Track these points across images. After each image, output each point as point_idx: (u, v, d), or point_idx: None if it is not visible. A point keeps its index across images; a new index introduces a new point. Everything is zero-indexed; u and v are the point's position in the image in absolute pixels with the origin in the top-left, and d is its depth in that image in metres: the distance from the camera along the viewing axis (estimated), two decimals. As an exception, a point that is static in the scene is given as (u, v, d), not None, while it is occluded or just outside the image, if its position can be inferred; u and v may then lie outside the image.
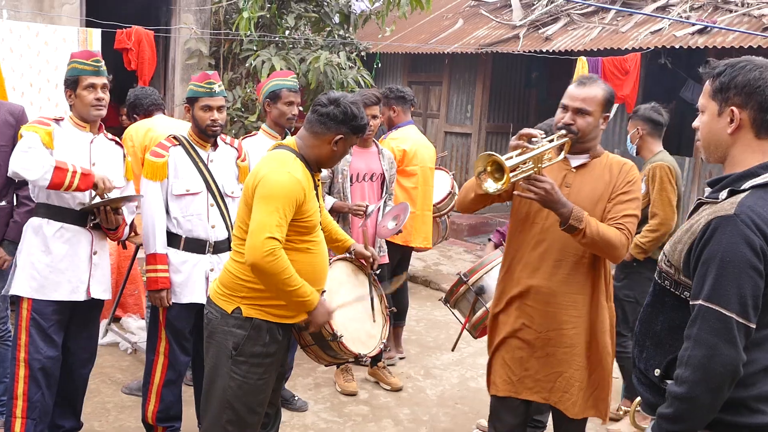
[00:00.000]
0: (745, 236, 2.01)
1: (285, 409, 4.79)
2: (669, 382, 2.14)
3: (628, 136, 5.01)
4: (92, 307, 3.87)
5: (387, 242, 5.56)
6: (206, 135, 3.95)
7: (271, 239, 2.94)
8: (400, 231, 4.93)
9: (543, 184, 3.02)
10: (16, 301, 3.72)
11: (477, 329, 4.06)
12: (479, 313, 4.01)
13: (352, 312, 3.49)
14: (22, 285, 3.66)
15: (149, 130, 5.11)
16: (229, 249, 3.91)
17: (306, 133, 3.20)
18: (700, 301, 2.06)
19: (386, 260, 5.27)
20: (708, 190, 2.29)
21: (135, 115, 5.51)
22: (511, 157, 2.96)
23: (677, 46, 8.07)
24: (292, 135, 3.85)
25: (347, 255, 3.67)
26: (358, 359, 3.42)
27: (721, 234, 2.04)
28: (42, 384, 3.70)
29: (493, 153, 2.94)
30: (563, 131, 3.20)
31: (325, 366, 3.65)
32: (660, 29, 8.69)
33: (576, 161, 3.30)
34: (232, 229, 3.97)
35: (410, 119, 5.87)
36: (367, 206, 4.74)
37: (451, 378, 5.66)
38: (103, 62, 3.75)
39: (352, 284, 3.63)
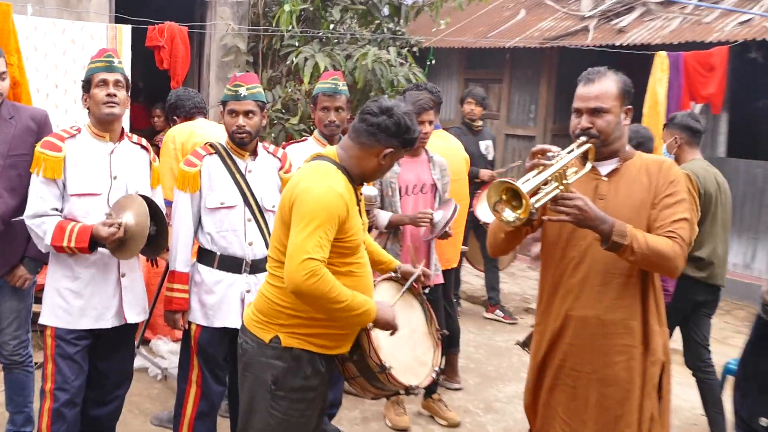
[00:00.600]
0: None
1: (329, 445, 4.74)
2: None
3: (665, 146, 5.08)
4: (123, 331, 3.90)
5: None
6: (234, 142, 3.96)
7: (309, 260, 2.89)
8: (447, 233, 4.83)
9: (574, 201, 2.91)
10: (42, 329, 3.81)
11: None
12: None
13: (400, 337, 3.41)
14: (47, 314, 3.76)
15: (192, 133, 5.16)
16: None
17: (351, 143, 3.14)
18: None
19: (441, 280, 5.19)
20: None
21: (175, 117, 5.56)
22: (528, 180, 2.87)
23: (770, 39, 7.88)
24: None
25: (392, 274, 3.62)
26: (408, 391, 3.34)
27: None
28: (67, 416, 3.76)
29: (506, 179, 2.86)
30: (583, 138, 3.08)
31: (371, 399, 3.58)
32: (749, 19, 8.49)
33: (606, 168, 3.17)
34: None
35: (436, 123, 5.73)
36: (432, 215, 4.68)
37: (515, 413, 5.54)
38: (117, 58, 3.78)
39: (400, 306, 3.55)
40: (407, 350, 3.45)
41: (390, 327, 3.16)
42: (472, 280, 8.03)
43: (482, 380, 6.15)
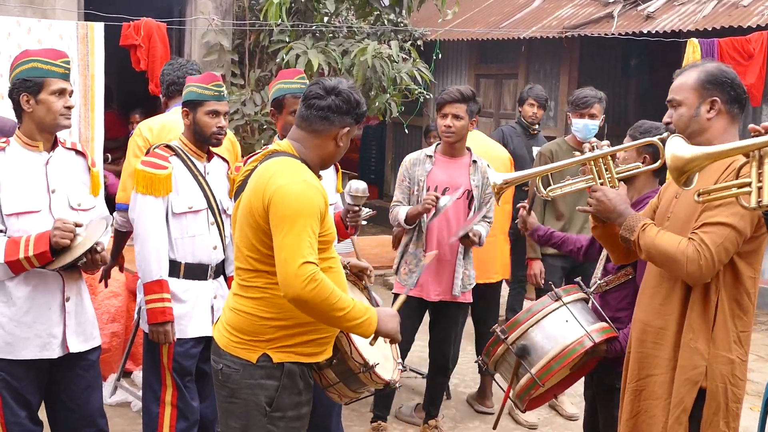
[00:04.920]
0: None
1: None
2: None
3: None
4: (77, 361, 3.88)
5: None
6: (210, 144, 4.18)
7: (306, 264, 2.98)
8: (471, 240, 4.93)
9: (595, 194, 3.34)
10: None
11: (523, 400, 3.87)
12: (523, 381, 3.81)
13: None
14: None
15: (163, 127, 4.98)
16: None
17: (304, 134, 3.25)
18: None
19: (468, 299, 5.25)
20: None
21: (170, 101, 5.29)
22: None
23: (815, 22, 7.98)
24: None
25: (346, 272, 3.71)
26: (387, 386, 3.45)
27: None
28: None
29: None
30: (666, 133, 3.32)
31: (345, 404, 3.64)
32: (792, 1, 8.59)
33: None
34: (225, 249, 4.22)
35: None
36: (437, 198, 4.80)
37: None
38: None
39: None
40: (373, 348, 3.54)
41: (394, 337, 3.28)
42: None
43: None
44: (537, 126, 7.03)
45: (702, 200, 2.87)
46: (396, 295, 4.36)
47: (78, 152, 3.96)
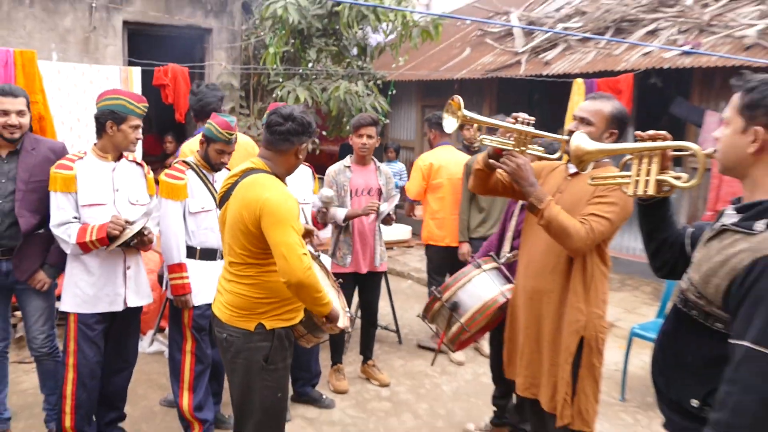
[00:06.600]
0: None
1: (314, 407, 4.85)
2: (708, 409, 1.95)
3: None
4: (130, 314, 3.99)
5: (433, 246, 5.96)
6: (213, 168, 4.15)
7: (305, 255, 2.95)
8: (390, 219, 5.07)
9: (516, 159, 3.08)
10: (64, 316, 3.86)
11: (454, 343, 3.93)
12: (454, 328, 3.86)
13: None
14: (69, 302, 3.83)
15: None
16: None
17: (271, 153, 3.17)
18: (746, 343, 1.80)
19: (385, 268, 5.32)
20: (731, 213, 2.05)
21: (199, 122, 5.10)
22: (490, 120, 3.13)
23: (666, 67, 8.02)
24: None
25: None
26: (342, 332, 3.42)
27: None
28: (87, 385, 3.87)
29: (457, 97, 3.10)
30: (566, 136, 3.17)
31: (309, 347, 3.58)
32: (650, 51, 8.64)
33: (574, 168, 3.28)
34: None
35: (446, 140, 6.24)
36: (378, 205, 4.87)
37: (465, 374, 5.63)
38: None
39: None
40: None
41: (335, 322, 3.24)
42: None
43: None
44: (477, 144, 6.97)
45: (594, 183, 2.79)
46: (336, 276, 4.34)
47: (138, 164, 4.02)
